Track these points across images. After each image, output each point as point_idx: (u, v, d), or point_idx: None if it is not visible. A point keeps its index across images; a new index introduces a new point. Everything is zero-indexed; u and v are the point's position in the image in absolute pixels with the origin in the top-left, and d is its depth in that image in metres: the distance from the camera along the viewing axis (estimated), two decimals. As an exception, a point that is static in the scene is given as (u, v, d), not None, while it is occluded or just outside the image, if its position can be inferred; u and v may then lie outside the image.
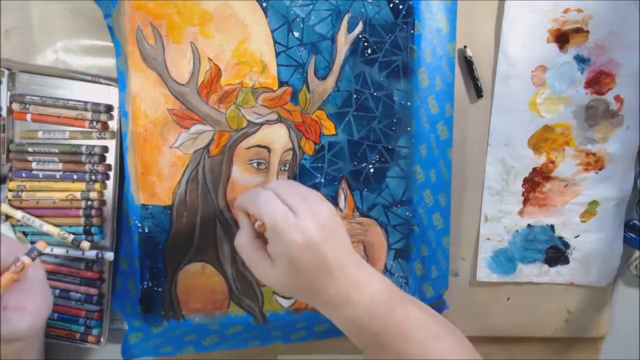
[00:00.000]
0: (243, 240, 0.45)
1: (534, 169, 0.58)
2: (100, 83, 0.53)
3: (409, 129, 0.54)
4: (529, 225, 0.59)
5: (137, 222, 0.54)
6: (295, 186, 0.45)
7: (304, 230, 0.41)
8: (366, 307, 0.43)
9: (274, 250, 0.42)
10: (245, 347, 0.59)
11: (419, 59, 0.53)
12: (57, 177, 0.54)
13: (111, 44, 0.52)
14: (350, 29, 0.52)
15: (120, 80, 0.52)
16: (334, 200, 0.55)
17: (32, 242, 0.54)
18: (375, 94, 0.54)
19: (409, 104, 0.54)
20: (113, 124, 0.54)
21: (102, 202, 0.55)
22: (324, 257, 0.41)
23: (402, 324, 0.44)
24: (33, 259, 0.43)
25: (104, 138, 0.53)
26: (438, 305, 0.58)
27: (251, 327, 0.58)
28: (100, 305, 0.56)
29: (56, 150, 0.53)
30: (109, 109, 0.53)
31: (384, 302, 0.44)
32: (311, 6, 0.51)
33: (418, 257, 0.57)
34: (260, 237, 0.45)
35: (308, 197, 0.43)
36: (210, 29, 0.51)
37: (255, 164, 0.54)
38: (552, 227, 0.59)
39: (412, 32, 0.53)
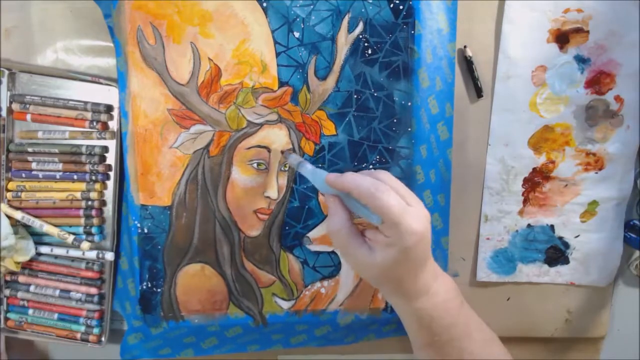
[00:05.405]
0: (339, 225, 0.44)
1: (534, 169, 0.58)
2: (100, 83, 0.53)
3: (409, 129, 0.54)
4: (528, 225, 0.59)
5: (136, 222, 0.54)
6: (399, 181, 0.45)
7: (422, 219, 0.41)
8: (443, 299, 0.44)
9: (384, 239, 0.41)
10: (244, 351, 0.59)
11: (420, 59, 0.53)
12: (57, 177, 0.54)
13: (111, 44, 0.52)
14: (350, 29, 0.52)
15: (120, 80, 0.52)
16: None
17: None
18: (375, 94, 0.54)
19: (409, 104, 0.54)
20: (113, 124, 0.54)
21: (103, 202, 0.54)
22: (429, 248, 0.43)
23: (467, 323, 0.46)
24: None
25: (104, 138, 0.53)
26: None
27: (251, 329, 0.57)
28: (101, 305, 0.56)
29: (56, 151, 0.53)
30: (109, 109, 0.53)
31: (454, 296, 0.46)
32: (311, 6, 0.51)
33: (418, 257, 0.57)
34: (355, 223, 0.44)
35: (412, 193, 0.44)
36: (211, 29, 0.51)
37: (255, 165, 0.54)
38: (552, 227, 0.59)
39: (412, 32, 0.52)
